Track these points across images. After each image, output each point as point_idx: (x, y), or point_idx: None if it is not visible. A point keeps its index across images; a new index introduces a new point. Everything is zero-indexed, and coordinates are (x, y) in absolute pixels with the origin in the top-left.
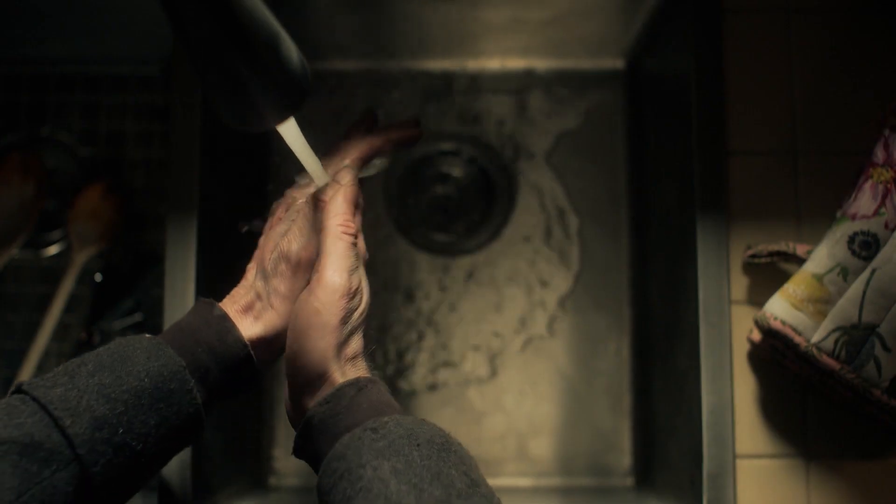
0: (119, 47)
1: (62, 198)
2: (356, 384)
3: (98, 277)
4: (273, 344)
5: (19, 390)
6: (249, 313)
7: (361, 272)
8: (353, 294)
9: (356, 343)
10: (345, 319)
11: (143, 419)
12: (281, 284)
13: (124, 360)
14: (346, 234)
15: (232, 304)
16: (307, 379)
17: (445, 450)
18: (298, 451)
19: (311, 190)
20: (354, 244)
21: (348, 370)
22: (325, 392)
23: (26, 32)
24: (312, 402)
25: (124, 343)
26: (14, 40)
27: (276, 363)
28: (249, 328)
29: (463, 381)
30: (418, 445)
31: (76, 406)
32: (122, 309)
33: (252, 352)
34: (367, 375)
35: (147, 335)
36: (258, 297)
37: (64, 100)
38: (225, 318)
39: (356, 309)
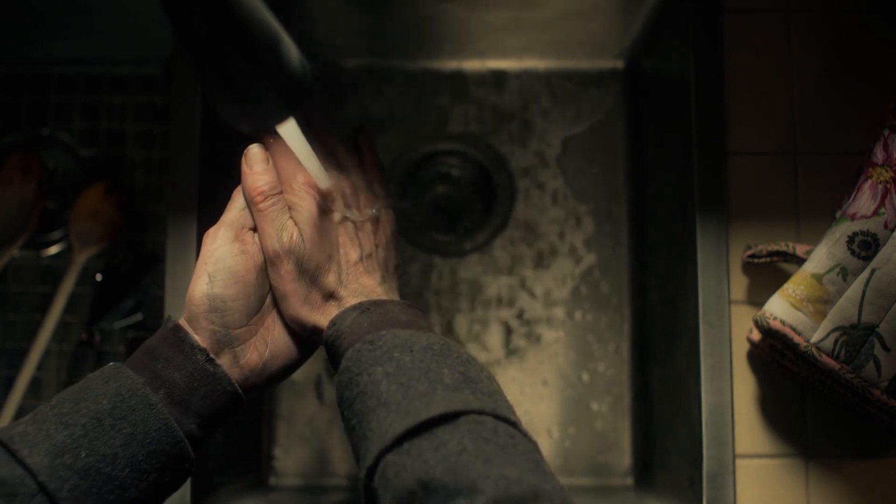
0: (119, 47)
1: (63, 198)
2: (359, 307)
3: (98, 277)
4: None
5: None
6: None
7: (286, 223)
8: (280, 258)
9: (330, 277)
10: (295, 277)
11: (106, 440)
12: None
13: (84, 389)
14: (260, 204)
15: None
16: (306, 331)
17: (442, 354)
18: (333, 369)
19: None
20: (274, 204)
21: (348, 298)
22: (331, 315)
23: (27, 33)
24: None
25: (88, 376)
26: (15, 41)
27: (270, 380)
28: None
29: None
30: (411, 351)
31: (34, 437)
32: (123, 309)
33: (214, 357)
34: (374, 298)
35: (111, 363)
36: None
37: (64, 100)
38: (178, 328)
39: (300, 260)
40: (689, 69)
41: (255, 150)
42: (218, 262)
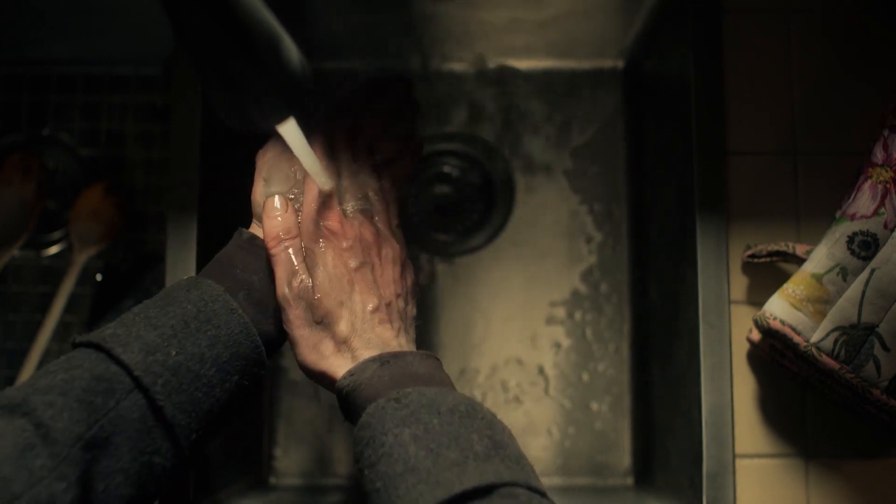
0: (119, 47)
1: (63, 198)
2: (378, 359)
3: (98, 277)
4: None
5: (75, 344)
6: None
7: (297, 269)
8: (289, 302)
9: (342, 325)
10: (304, 323)
11: (193, 341)
12: None
13: (166, 296)
14: (273, 249)
15: None
16: (314, 377)
17: (469, 416)
18: (346, 419)
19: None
20: (285, 249)
21: (361, 349)
22: (349, 366)
23: (27, 33)
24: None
25: (168, 287)
26: (15, 41)
27: None
28: None
29: (462, 380)
30: (439, 413)
31: (125, 337)
32: (123, 309)
33: None
34: (391, 351)
35: (187, 277)
36: None
37: (65, 100)
38: (253, 237)
39: (310, 306)
40: (689, 69)
41: (273, 201)
42: (271, 168)
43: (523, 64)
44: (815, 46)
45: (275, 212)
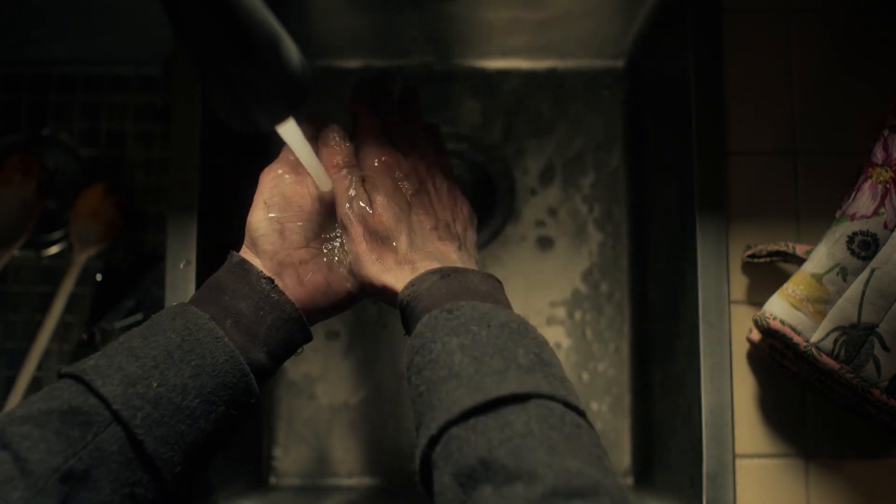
0: (119, 47)
1: (63, 198)
2: (439, 272)
3: (98, 277)
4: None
5: (59, 375)
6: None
7: (356, 190)
8: (350, 220)
9: (402, 240)
10: (365, 238)
11: (176, 371)
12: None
13: (151, 325)
14: (334, 175)
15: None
16: (377, 292)
17: (519, 332)
18: (406, 332)
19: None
20: (347, 175)
21: (422, 262)
22: (410, 278)
23: (27, 33)
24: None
25: (154, 315)
26: (15, 41)
27: (335, 307)
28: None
29: None
30: (489, 326)
31: (106, 369)
32: (123, 309)
33: (279, 285)
34: (453, 265)
35: (175, 302)
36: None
37: (65, 100)
38: (242, 262)
39: (369, 224)
40: (689, 69)
41: (331, 132)
42: (273, 190)
43: (523, 64)
44: (815, 46)
45: (332, 141)
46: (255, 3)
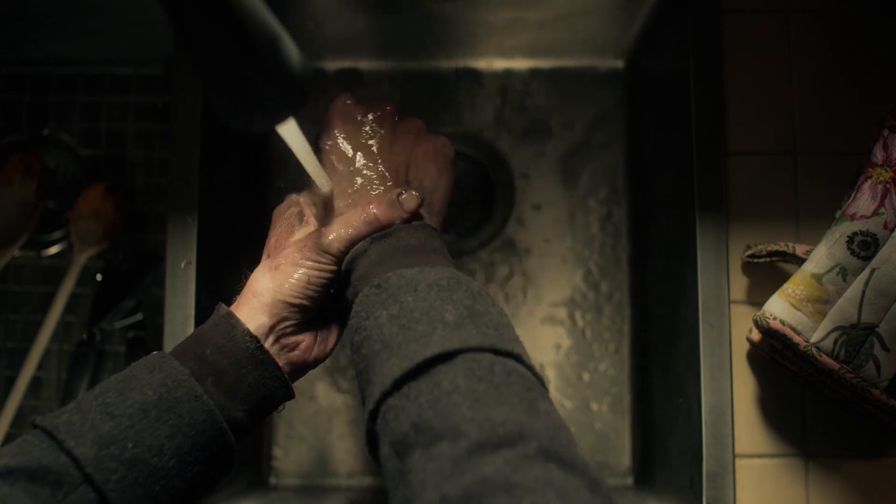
0: (120, 48)
1: (63, 198)
2: (371, 239)
3: (98, 277)
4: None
5: (33, 426)
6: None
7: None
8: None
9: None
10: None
11: (152, 432)
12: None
13: (128, 379)
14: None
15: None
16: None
17: (449, 289)
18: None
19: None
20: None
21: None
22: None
23: (28, 33)
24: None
25: (132, 365)
26: (15, 41)
27: (316, 361)
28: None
29: None
30: (415, 290)
31: (80, 427)
32: (123, 309)
33: (264, 343)
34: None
35: (155, 352)
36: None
37: (65, 100)
38: (230, 315)
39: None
40: (688, 69)
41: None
42: (297, 278)
43: (523, 64)
44: (814, 46)
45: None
46: (255, 3)
